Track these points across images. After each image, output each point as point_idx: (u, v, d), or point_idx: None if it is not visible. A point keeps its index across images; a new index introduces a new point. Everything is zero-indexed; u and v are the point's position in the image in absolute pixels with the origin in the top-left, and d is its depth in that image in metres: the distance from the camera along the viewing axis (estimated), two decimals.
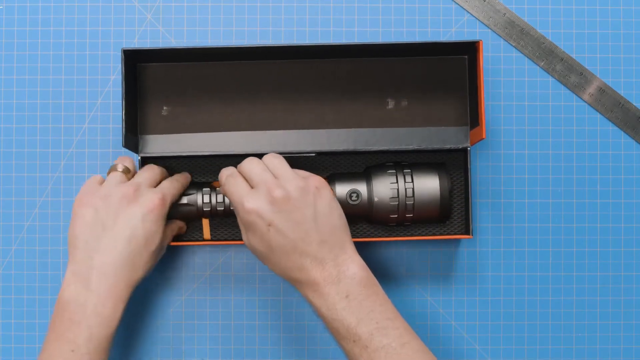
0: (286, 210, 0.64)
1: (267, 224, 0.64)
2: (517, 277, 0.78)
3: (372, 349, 0.62)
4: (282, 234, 0.64)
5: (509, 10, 0.79)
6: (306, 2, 0.79)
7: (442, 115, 0.76)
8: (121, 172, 0.70)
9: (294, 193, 0.64)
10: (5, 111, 0.78)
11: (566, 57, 0.79)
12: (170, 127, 0.76)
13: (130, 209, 0.67)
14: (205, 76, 0.76)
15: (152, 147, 0.76)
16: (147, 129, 0.76)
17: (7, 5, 0.79)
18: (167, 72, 0.76)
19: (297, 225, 0.64)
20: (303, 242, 0.64)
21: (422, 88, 0.76)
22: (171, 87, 0.76)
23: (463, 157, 0.76)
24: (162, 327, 0.77)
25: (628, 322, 0.78)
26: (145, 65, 0.76)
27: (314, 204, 0.65)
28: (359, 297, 0.63)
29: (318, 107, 0.76)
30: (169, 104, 0.76)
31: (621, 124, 0.79)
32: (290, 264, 0.65)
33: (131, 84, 0.73)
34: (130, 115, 0.73)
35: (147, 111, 0.76)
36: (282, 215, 0.64)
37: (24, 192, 0.78)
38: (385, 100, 0.77)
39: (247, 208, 0.64)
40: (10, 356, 0.77)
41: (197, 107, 0.76)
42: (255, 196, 0.65)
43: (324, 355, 0.77)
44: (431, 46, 0.73)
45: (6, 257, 0.77)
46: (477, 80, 0.71)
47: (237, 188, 0.66)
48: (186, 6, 0.79)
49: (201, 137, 0.76)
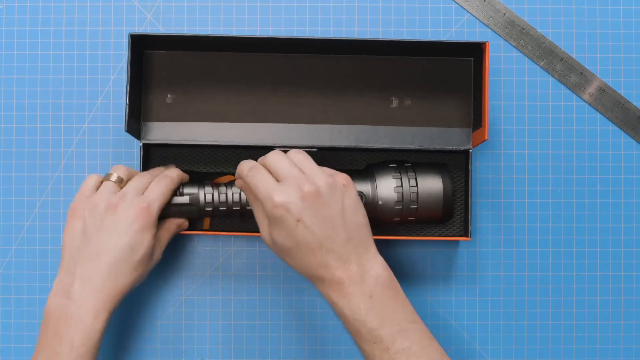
0: (315, 206, 0.63)
1: (296, 219, 0.63)
2: (517, 277, 0.78)
3: (393, 351, 0.62)
4: (309, 230, 0.63)
5: (509, 10, 0.79)
6: (306, 2, 0.79)
7: (445, 116, 0.76)
8: (114, 182, 0.69)
9: (324, 189, 0.63)
10: (5, 111, 0.78)
11: (566, 57, 0.79)
12: (174, 115, 0.76)
13: (114, 219, 0.67)
14: (210, 66, 0.76)
15: (155, 134, 0.75)
16: (151, 116, 0.76)
17: (7, 5, 0.79)
18: (173, 61, 0.76)
19: (325, 222, 0.63)
20: (329, 240, 0.63)
21: (427, 88, 0.76)
22: (176, 75, 0.76)
23: (464, 158, 0.76)
24: (162, 327, 0.77)
25: (628, 322, 0.78)
26: (151, 53, 0.75)
27: (342, 201, 0.64)
28: (382, 298, 0.63)
29: (321, 102, 0.76)
30: (174, 92, 0.76)
31: (621, 124, 0.79)
32: (314, 262, 0.64)
33: (136, 70, 0.73)
34: (134, 101, 0.72)
35: (151, 98, 0.76)
36: (311, 212, 0.63)
37: (24, 192, 0.78)
38: (389, 98, 0.77)
39: (277, 202, 0.63)
40: (10, 356, 0.77)
41: (201, 97, 0.76)
42: (286, 190, 0.63)
43: (324, 355, 0.77)
44: (437, 46, 0.73)
45: (6, 257, 0.77)
46: (482, 82, 0.71)
47: (263, 181, 0.64)
48: (186, 6, 0.79)
49: (204, 126, 0.76)
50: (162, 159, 0.77)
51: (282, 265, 0.78)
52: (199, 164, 0.77)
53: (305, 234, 0.63)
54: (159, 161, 0.77)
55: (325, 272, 0.63)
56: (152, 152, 0.77)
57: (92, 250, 0.66)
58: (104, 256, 0.66)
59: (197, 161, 0.77)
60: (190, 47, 0.75)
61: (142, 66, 0.75)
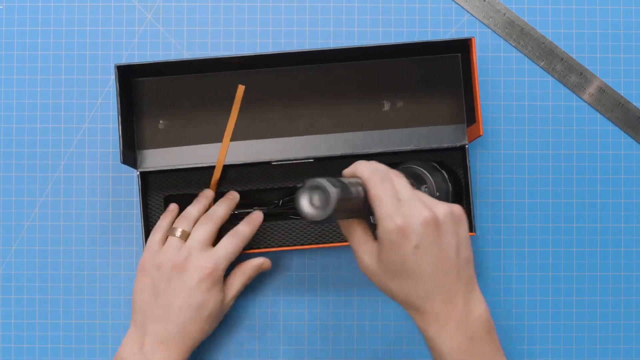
0: (434, 234, 0.60)
1: (413, 245, 0.59)
2: (517, 277, 0.78)
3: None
4: (425, 259, 0.59)
5: (509, 10, 0.79)
6: (306, 2, 0.79)
7: (438, 114, 0.76)
8: (178, 237, 0.71)
9: (443, 218, 0.60)
10: (5, 111, 0.78)
11: (566, 57, 0.79)
12: (168, 140, 0.76)
13: (181, 278, 0.69)
14: (200, 88, 0.76)
15: (150, 162, 0.75)
16: (145, 144, 0.76)
17: (7, 5, 0.79)
18: (162, 86, 0.76)
19: (442, 252, 0.60)
20: (442, 273, 0.60)
21: (417, 88, 0.76)
22: (166, 100, 0.76)
23: (461, 154, 0.76)
24: None
25: (628, 322, 0.78)
26: (139, 81, 0.76)
27: (458, 232, 0.61)
28: (481, 342, 0.61)
29: (314, 113, 0.76)
30: (165, 118, 0.76)
31: (621, 124, 0.79)
32: (421, 292, 0.60)
33: (126, 99, 0.73)
34: (127, 131, 0.73)
35: (143, 126, 0.76)
36: (430, 239, 0.59)
37: (24, 192, 0.78)
38: (380, 102, 0.77)
39: (398, 224, 0.58)
40: (10, 356, 0.77)
41: (193, 120, 0.76)
42: (408, 213, 0.59)
43: (324, 354, 0.77)
44: (424, 45, 0.73)
45: (6, 257, 0.77)
46: (472, 77, 0.71)
47: (389, 198, 0.60)
48: (186, 6, 0.79)
49: (199, 149, 0.76)
50: (160, 185, 0.77)
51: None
52: (197, 186, 0.77)
53: (420, 262, 0.59)
54: (157, 187, 0.77)
55: (430, 305, 0.60)
56: (149, 179, 0.77)
57: (161, 309, 0.69)
58: (173, 315, 0.69)
59: (195, 183, 0.77)
60: (177, 71, 0.75)
61: (131, 95, 0.75)
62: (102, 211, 0.78)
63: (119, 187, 0.78)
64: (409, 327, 0.77)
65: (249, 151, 0.76)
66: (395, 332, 0.78)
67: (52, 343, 0.77)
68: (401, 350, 0.78)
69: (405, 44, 0.72)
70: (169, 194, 0.77)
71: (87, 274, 0.77)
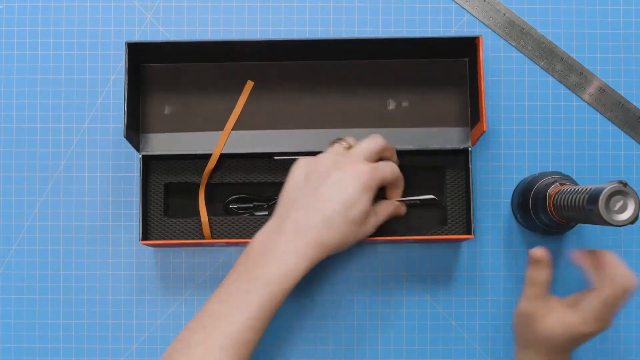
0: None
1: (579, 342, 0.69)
2: (517, 277, 0.78)
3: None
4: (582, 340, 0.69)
5: (509, 10, 0.79)
6: (306, 2, 0.79)
7: (442, 116, 0.76)
8: (344, 146, 0.70)
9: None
10: (5, 111, 0.78)
11: (566, 57, 0.79)
12: (172, 126, 0.76)
13: (338, 174, 0.67)
14: (207, 76, 0.76)
15: (154, 146, 0.76)
16: (149, 128, 0.76)
17: (7, 5, 0.79)
18: (169, 72, 0.76)
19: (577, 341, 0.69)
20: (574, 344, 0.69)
21: (423, 89, 0.77)
22: (173, 86, 0.76)
23: (464, 157, 0.76)
24: (162, 326, 0.77)
25: (628, 322, 0.78)
26: (147, 66, 0.76)
27: None
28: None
29: (319, 107, 0.76)
30: (171, 103, 0.76)
31: (621, 124, 0.79)
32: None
33: (134, 82, 0.74)
34: (132, 114, 0.73)
35: (148, 110, 0.76)
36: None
37: (24, 192, 0.78)
38: (386, 100, 0.77)
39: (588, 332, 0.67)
40: (10, 356, 0.77)
41: (198, 107, 0.76)
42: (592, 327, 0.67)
43: (324, 354, 0.77)
44: (431, 42, 0.74)
45: (6, 257, 0.77)
46: (478, 76, 0.71)
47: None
48: (186, 6, 0.79)
49: (203, 136, 0.76)
50: (162, 170, 0.77)
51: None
52: (199, 174, 0.77)
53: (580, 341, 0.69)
54: (159, 172, 0.77)
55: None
56: (151, 164, 0.77)
57: (311, 199, 0.67)
58: (321, 205, 0.66)
59: (198, 171, 0.77)
60: (186, 59, 0.75)
61: (139, 79, 0.76)
62: (102, 211, 0.78)
63: (119, 187, 0.78)
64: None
65: (251, 141, 0.76)
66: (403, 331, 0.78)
67: (52, 343, 0.77)
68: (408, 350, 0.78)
69: (412, 38, 0.73)
70: (169, 181, 0.76)
71: (87, 274, 0.77)
